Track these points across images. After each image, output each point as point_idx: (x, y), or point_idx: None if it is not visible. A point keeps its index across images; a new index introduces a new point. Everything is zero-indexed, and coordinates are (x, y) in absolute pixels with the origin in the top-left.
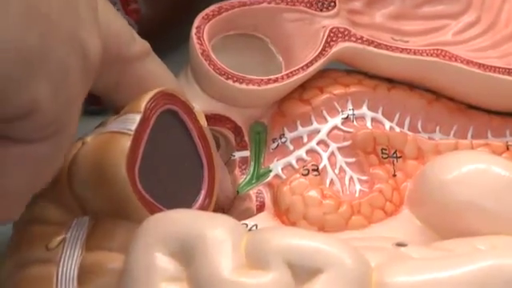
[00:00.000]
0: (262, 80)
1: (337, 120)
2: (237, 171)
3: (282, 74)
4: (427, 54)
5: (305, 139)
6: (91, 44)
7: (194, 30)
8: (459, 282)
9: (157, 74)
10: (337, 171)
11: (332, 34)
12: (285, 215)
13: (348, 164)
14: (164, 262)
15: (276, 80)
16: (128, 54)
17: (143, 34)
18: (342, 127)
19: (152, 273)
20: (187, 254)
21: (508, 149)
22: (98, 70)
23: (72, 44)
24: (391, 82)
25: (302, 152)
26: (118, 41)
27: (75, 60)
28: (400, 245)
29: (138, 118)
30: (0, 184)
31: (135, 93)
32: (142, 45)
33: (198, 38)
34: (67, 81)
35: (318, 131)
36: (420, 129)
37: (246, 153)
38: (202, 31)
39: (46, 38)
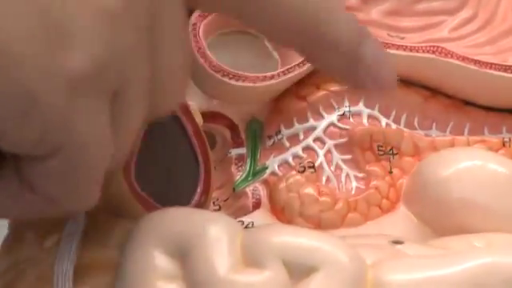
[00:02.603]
0: (258, 77)
1: (333, 117)
2: (233, 168)
3: (278, 71)
4: (423, 51)
5: (301, 136)
6: (77, 57)
7: (189, 28)
8: (455, 281)
9: None
10: (333, 168)
11: None
12: (281, 212)
13: (344, 161)
14: (160, 260)
15: (272, 77)
16: None
17: None
18: (339, 124)
19: (148, 271)
20: (183, 252)
21: (504, 145)
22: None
23: (40, 68)
24: None
25: (298, 149)
26: None
27: (44, 82)
28: (396, 242)
29: None
30: (45, 196)
31: (266, 20)
32: None
33: (194, 36)
34: (34, 105)
35: (314, 128)
36: (416, 125)
37: (242, 150)
38: (198, 28)
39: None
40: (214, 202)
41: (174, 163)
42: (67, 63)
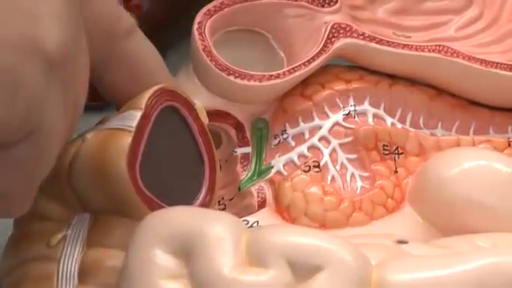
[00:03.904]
0: (264, 76)
1: (338, 116)
2: (238, 167)
3: (284, 70)
4: (429, 50)
5: (306, 135)
6: (50, 38)
7: (195, 26)
8: (460, 280)
9: (144, 51)
10: (338, 167)
11: (334, 30)
12: (286, 212)
13: (349, 160)
14: (164, 259)
15: (278, 76)
16: (117, 31)
17: (145, 29)
18: (344, 123)
19: (151, 270)
20: (187, 252)
21: (510, 145)
22: (78, 57)
23: (20, 48)
24: (393, 77)
25: (303, 148)
26: (109, 18)
27: (26, 62)
28: (401, 242)
29: (138, 114)
30: None
31: (124, 73)
32: (128, 21)
33: (200, 34)
34: (19, 84)
35: (319, 127)
36: (422, 125)
37: (248, 149)
38: (204, 27)
39: None
40: (219, 202)
41: (179, 162)
42: (42, 44)
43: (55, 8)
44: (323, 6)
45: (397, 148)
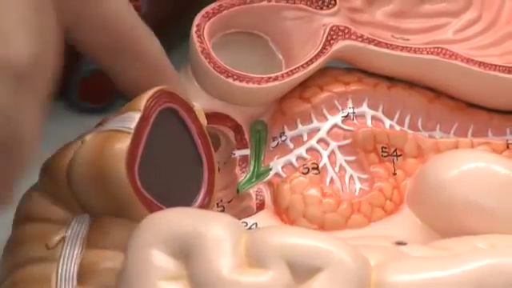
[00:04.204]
0: (263, 78)
1: (337, 118)
2: (237, 169)
3: (282, 72)
4: (427, 53)
5: (305, 137)
6: (20, 53)
7: (194, 28)
8: (459, 282)
9: (120, 16)
10: (337, 170)
11: (332, 33)
12: (284, 214)
13: (348, 162)
14: (162, 260)
15: (276, 78)
16: None
17: None
18: (343, 125)
19: (150, 271)
20: (186, 253)
21: (508, 147)
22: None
23: None
24: (391, 80)
25: (302, 150)
26: None
27: None
28: (399, 243)
29: (137, 116)
30: None
31: (97, 36)
32: None
33: (199, 36)
34: None
35: (318, 129)
36: (420, 127)
37: (246, 151)
38: (203, 29)
39: None
40: (217, 204)
41: (178, 164)
42: (13, 60)
43: (24, 17)
44: (322, 9)
45: (395, 150)
